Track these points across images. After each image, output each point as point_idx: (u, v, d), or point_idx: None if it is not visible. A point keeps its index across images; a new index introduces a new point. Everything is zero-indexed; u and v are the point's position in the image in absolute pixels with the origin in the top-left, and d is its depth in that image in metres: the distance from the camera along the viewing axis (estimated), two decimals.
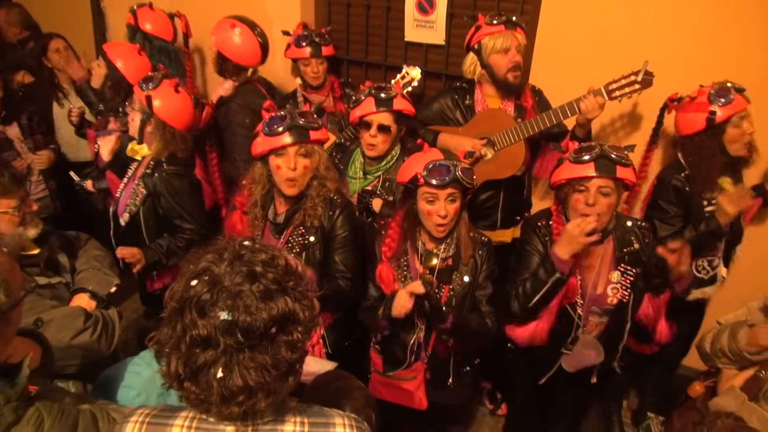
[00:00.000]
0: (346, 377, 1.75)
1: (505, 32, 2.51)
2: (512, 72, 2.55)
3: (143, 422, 1.16)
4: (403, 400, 2.28)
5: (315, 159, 2.11)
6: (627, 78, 2.38)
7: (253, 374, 1.04)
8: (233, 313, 1.02)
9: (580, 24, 2.75)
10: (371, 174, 2.53)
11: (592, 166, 1.96)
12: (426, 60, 3.25)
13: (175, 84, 2.45)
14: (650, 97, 2.50)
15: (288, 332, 1.08)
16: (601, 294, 2.13)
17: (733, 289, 2.80)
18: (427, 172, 1.97)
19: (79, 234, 2.16)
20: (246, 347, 1.03)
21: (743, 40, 2.49)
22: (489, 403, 3.18)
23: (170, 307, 1.08)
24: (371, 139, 2.43)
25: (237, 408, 1.06)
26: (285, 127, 2.03)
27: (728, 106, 2.34)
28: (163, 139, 2.44)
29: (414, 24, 3.21)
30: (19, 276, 1.33)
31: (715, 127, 2.39)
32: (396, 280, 2.13)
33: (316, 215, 2.14)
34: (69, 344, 1.70)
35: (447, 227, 2.06)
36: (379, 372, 2.32)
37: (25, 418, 1.24)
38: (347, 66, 3.56)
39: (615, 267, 2.12)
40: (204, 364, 1.04)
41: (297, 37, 2.98)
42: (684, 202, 2.49)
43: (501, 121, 2.61)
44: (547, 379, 2.34)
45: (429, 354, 2.21)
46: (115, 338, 1.87)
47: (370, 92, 2.43)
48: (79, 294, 1.90)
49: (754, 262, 2.81)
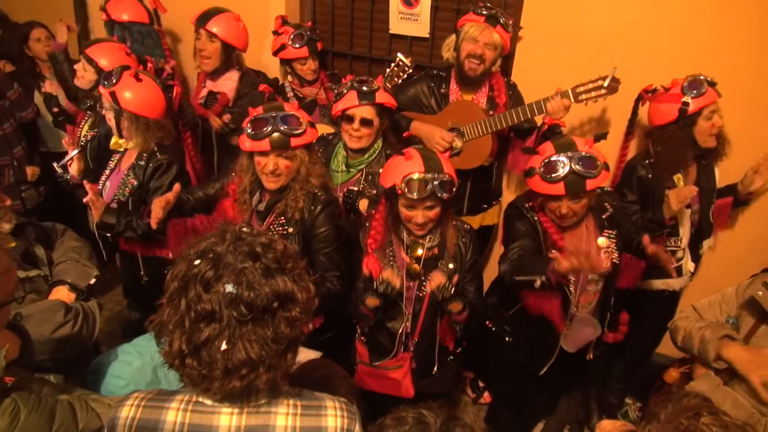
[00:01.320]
0: (329, 365, 1.77)
1: (482, 24, 2.57)
2: (471, 60, 2.61)
3: (138, 405, 1.18)
4: (390, 390, 2.32)
5: (296, 162, 2.12)
6: (594, 83, 2.45)
7: (255, 347, 1.08)
8: (238, 286, 1.06)
9: (561, 19, 2.77)
10: (354, 167, 2.53)
11: (562, 186, 2.02)
12: (410, 52, 3.24)
13: (134, 73, 2.40)
14: (629, 89, 2.53)
15: (287, 309, 1.12)
16: (594, 258, 2.20)
17: (707, 279, 2.87)
18: (405, 185, 1.99)
19: (55, 225, 2.13)
20: (249, 320, 1.07)
21: (719, 34, 2.53)
22: (471, 392, 3.22)
23: (172, 288, 1.11)
24: (354, 132, 2.43)
25: (239, 382, 1.09)
26: (266, 133, 2.04)
27: (700, 97, 2.39)
28: (140, 131, 2.41)
29: (399, 16, 3.20)
30: (13, 281, 1.32)
31: (687, 118, 2.43)
32: (383, 270, 2.15)
33: (297, 207, 2.15)
34: (50, 338, 1.69)
35: (427, 227, 2.10)
36: (366, 363, 2.35)
37: (0, 408, 1.24)
38: (332, 58, 3.55)
39: (600, 233, 2.23)
40: (207, 338, 1.07)
41: (292, 37, 2.95)
42: (644, 191, 2.53)
43: (472, 112, 2.69)
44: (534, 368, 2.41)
45: (416, 342, 2.25)
46: (96, 330, 1.87)
47: (352, 85, 2.42)
48: (58, 286, 1.88)
49: (726, 253, 2.87)
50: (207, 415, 1.15)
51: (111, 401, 1.52)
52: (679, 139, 2.46)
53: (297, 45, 2.96)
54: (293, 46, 2.96)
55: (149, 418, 1.16)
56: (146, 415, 1.16)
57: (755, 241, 2.78)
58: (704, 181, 2.60)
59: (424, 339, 2.25)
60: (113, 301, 3.71)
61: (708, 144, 2.49)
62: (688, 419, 1.22)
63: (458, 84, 2.76)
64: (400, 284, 2.05)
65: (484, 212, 3.01)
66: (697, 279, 2.88)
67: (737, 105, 2.52)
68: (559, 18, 2.77)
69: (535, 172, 2.09)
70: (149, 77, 2.45)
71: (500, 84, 2.74)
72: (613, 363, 3.02)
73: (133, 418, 1.16)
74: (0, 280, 1.24)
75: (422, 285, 2.17)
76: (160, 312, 1.13)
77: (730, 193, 2.67)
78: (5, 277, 1.27)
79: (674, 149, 2.47)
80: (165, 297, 1.12)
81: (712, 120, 2.43)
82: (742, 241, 2.83)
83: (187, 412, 1.15)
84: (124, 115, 2.40)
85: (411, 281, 2.18)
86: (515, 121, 2.57)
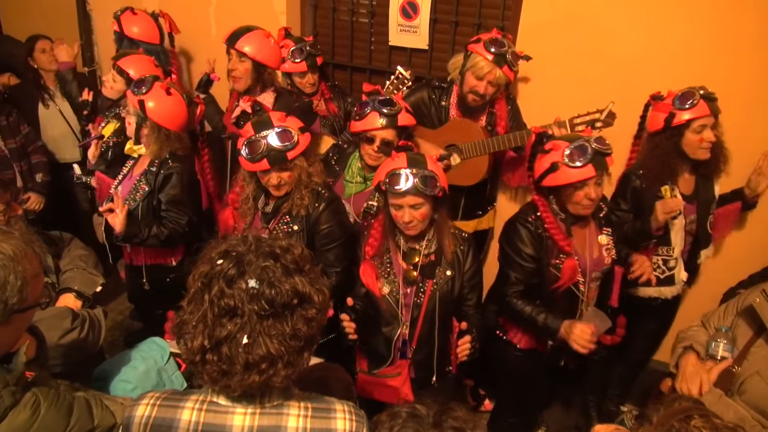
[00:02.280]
0: (329, 369, 1.79)
1: (488, 63, 2.59)
2: (472, 95, 2.68)
3: (154, 405, 1.20)
4: (389, 397, 2.33)
5: (296, 171, 2.17)
6: (591, 115, 2.51)
7: (275, 342, 1.11)
8: (260, 282, 1.11)
9: (558, 34, 2.82)
10: (370, 180, 2.56)
11: (592, 168, 2.06)
12: (410, 64, 3.29)
13: (167, 86, 2.46)
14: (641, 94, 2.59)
15: (305, 308, 1.15)
16: (598, 257, 2.28)
17: (706, 287, 2.88)
18: (387, 180, 2.03)
19: (62, 234, 2.17)
20: (270, 315, 1.11)
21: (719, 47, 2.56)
22: (472, 400, 3.22)
23: (195, 287, 1.15)
24: (374, 152, 2.46)
25: (258, 377, 1.12)
26: (262, 154, 2.09)
27: (688, 110, 2.39)
28: (158, 140, 2.47)
29: (398, 29, 3.26)
30: (41, 285, 1.35)
31: (672, 129, 2.45)
32: (379, 277, 2.19)
33: (303, 204, 2.21)
34: (57, 344, 1.72)
35: (416, 228, 2.11)
36: (365, 371, 2.37)
37: (23, 401, 1.28)
38: (332, 69, 3.60)
39: (600, 231, 2.30)
40: (229, 333, 1.10)
41: (292, 51, 2.99)
42: (637, 201, 2.56)
43: (471, 132, 2.74)
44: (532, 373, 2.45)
45: (414, 350, 2.26)
46: (102, 336, 1.89)
47: (374, 106, 2.41)
48: (65, 294, 1.91)
49: (725, 259, 2.89)
50: (221, 414, 1.17)
51: (123, 401, 1.55)
52: (664, 149, 2.48)
53: (296, 60, 3.01)
54: (292, 60, 3.01)
55: (165, 416, 1.18)
56: (162, 414, 1.18)
57: (754, 246, 2.79)
58: (702, 193, 2.60)
59: (423, 347, 2.27)
60: (116, 311, 3.73)
61: (698, 156, 2.47)
62: (680, 422, 1.22)
63: (458, 107, 2.81)
64: (354, 339, 2.07)
65: (479, 218, 3.06)
66: (696, 286, 2.91)
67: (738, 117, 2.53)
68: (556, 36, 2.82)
69: (560, 165, 2.10)
70: (178, 92, 2.51)
71: (501, 103, 2.79)
72: (612, 370, 3.04)
73: (148, 416, 1.18)
74: (30, 284, 1.26)
75: (420, 291, 2.19)
76: (181, 312, 1.17)
77: (737, 198, 2.66)
78: (35, 281, 1.29)
79: (659, 158, 2.50)
80: (187, 297, 1.16)
81: (701, 134, 2.41)
82: (741, 247, 2.85)
83: (201, 412, 1.18)
84: (146, 123, 2.46)
85: (408, 287, 2.20)
86: (514, 144, 2.64)
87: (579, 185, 2.11)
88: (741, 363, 1.94)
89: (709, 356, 2.02)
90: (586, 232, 2.28)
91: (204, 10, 3.17)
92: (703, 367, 1.97)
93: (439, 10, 3.16)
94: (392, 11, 3.22)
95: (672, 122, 2.43)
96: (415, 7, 3.17)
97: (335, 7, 3.46)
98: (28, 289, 1.26)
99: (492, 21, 3.05)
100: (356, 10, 3.41)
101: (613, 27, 2.70)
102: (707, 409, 1.31)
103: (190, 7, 3.55)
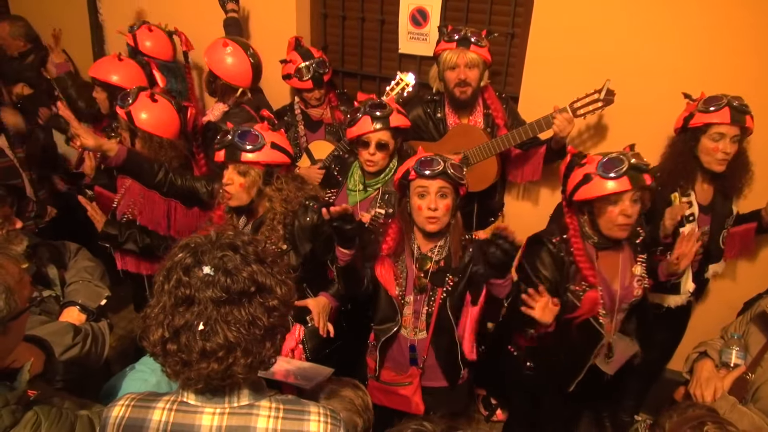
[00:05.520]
0: (341, 383, 1.76)
1: (455, 49, 2.60)
2: (458, 87, 2.65)
3: (129, 405, 1.22)
4: (400, 406, 2.33)
5: (248, 179, 2.10)
6: (590, 96, 2.47)
7: (233, 330, 1.12)
8: (215, 269, 1.12)
9: (570, 34, 2.77)
10: (371, 186, 2.56)
11: (627, 180, 1.94)
12: (419, 71, 3.27)
13: (151, 94, 2.45)
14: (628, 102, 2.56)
15: (264, 297, 1.15)
16: (628, 287, 2.17)
17: (720, 296, 2.83)
18: (417, 165, 2.04)
19: (68, 244, 2.15)
20: (226, 302, 1.11)
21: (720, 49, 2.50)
22: (484, 409, 3.19)
23: (157, 281, 1.16)
24: (370, 156, 2.46)
25: (217, 365, 1.12)
26: (222, 144, 2.10)
27: (707, 114, 2.30)
28: (152, 150, 2.46)
29: (408, 36, 3.24)
30: (27, 288, 1.36)
31: (689, 131, 2.38)
32: (397, 276, 2.18)
33: (279, 236, 2.14)
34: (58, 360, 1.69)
35: (439, 222, 2.08)
36: (376, 378, 2.36)
37: (23, 421, 1.27)
38: (342, 78, 3.59)
39: (634, 261, 2.18)
40: (186, 322, 1.11)
41: (298, 69, 2.96)
42: (653, 206, 2.44)
43: (473, 136, 2.72)
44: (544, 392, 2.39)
45: (425, 358, 2.25)
46: (105, 351, 1.88)
47: (365, 110, 2.42)
48: (69, 307, 1.90)
49: (739, 272, 2.83)
50: (190, 414, 1.18)
51: None
52: (679, 150, 2.42)
53: (301, 78, 2.98)
54: (298, 78, 2.98)
55: (137, 417, 1.20)
56: (134, 414, 1.20)
57: None
58: (719, 206, 2.52)
59: (434, 354, 2.25)
60: (126, 319, 3.73)
61: (712, 167, 2.37)
62: (693, 429, 1.22)
63: (453, 109, 2.79)
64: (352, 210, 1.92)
65: (491, 225, 3.03)
66: (709, 297, 2.84)
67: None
68: (568, 37, 2.78)
69: (593, 176, 1.99)
70: (164, 98, 2.51)
71: (494, 101, 2.77)
72: (626, 380, 2.97)
73: (122, 417, 1.20)
74: (15, 290, 1.28)
75: (431, 299, 2.17)
76: (146, 307, 1.18)
77: (754, 219, 2.56)
78: (19, 285, 1.31)
79: (674, 158, 2.43)
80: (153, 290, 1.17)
81: (718, 143, 2.31)
82: (757, 260, 2.78)
83: (171, 412, 1.19)
84: (138, 134, 2.45)
85: (418, 295, 2.19)
86: (520, 140, 2.60)
87: (614, 199, 1.98)
88: (755, 370, 1.92)
89: (722, 363, 1.98)
90: (619, 259, 2.14)
91: (217, 26, 3.19)
92: (717, 374, 1.94)
93: (448, 17, 3.14)
94: (402, 19, 3.21)
95: (689, 122, 2.36)
96: (424, 15, 3.15)
97: (345, 15, 3.44)
98: (15, 296, 1.27)
99: (501, 27, 3.02)
100: (366, 18, 3.39)
101: (624, 34, 2.65)
102: (721, 417, 1.28)
103: (201, 21, 3.54)
